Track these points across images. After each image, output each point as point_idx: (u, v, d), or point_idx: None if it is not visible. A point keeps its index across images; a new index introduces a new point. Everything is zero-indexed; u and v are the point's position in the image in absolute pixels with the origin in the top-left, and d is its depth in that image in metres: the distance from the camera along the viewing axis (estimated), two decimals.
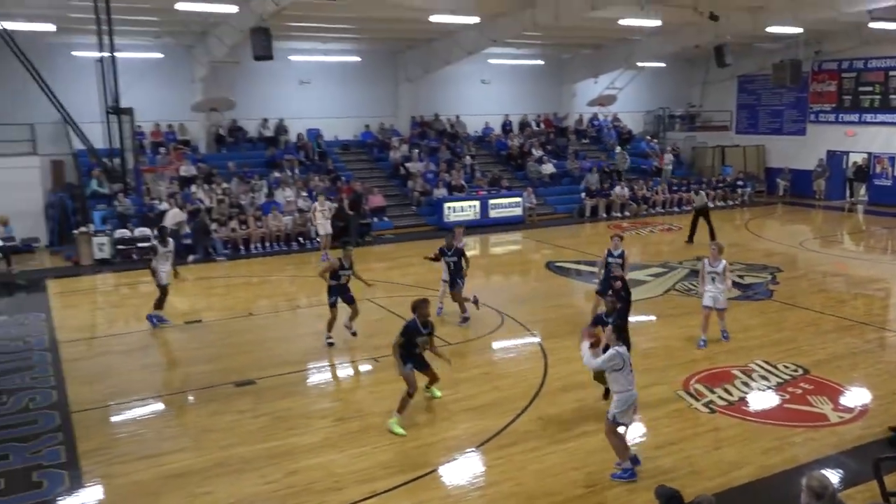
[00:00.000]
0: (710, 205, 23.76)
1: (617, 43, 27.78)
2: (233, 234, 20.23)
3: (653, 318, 13.73)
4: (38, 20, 17.46)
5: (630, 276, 16.58)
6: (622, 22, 21.53)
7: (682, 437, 8.55)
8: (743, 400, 9.64)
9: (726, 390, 9.89)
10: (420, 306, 9.02)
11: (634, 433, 8.68)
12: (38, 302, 15.30)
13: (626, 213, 26.24)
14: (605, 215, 25.94)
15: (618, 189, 26.45)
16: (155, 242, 14.24)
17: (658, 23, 22.04)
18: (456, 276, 12.98)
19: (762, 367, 10.74)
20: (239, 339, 12.56)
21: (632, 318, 13.52)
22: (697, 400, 9.61)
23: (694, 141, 32.74)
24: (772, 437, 8.53)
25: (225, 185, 22.04)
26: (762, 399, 9.73)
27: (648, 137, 31.96)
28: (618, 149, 29.37)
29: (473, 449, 8.31)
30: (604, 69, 29.23)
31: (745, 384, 10.15)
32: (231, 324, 13.55)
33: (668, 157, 29.64)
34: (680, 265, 17.68)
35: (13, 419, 9.19)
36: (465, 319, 13.06)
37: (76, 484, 7.59)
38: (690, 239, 20.79)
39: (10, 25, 11.88)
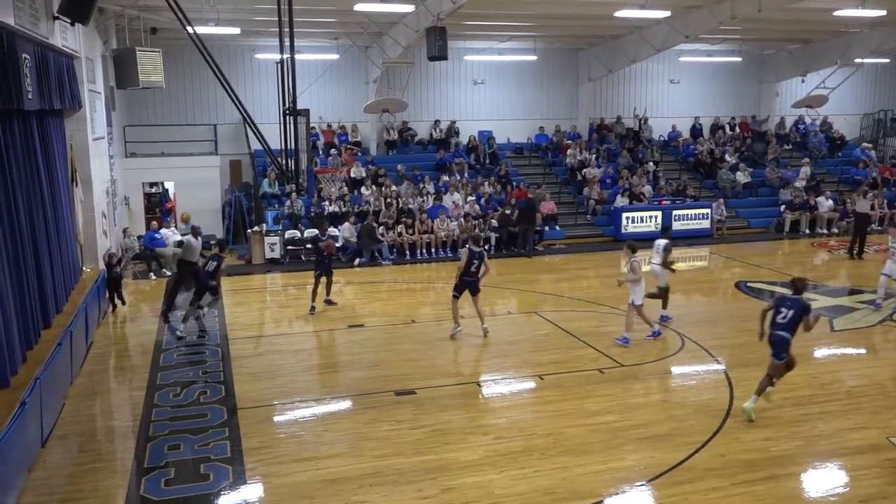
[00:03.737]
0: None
1: (830, 36, 25.93)
2: (399, 238, 20.92)
3: (862, 351, 12.64)
4: (226, 24, 19.03)
5: (836, 301, 15.48)
6: (838, 13, 20.08)
7: (894, 492, 7.78)
8: None
9: None
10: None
11: (834, 482, 8.02)
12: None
13: (834, 230, 24.38)
14: (807, 231, 24.27)
15: (822, 201, 24.65)
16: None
17: (882, 12, 20.33)
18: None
19: None
20: (400, 347, 12.95)
21: (835, 351, 12.65)
22: None
23: None
24: None
25: (394, 187, 22.85)
26: None
27: (865, 144, 29.52)
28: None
29: (644, 483, 8.03)
30: (813, 66, 27.37)
31: None
32: (393, 330, 14.01)
33: (805, 170, 26.39)
34: None
35: (186, 411, 10.03)
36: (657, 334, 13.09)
37: (239, 480, 8.14)
38: (858, 253, 20.30)
39: (199, 30, 13.03)
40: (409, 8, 18.68)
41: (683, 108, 28.93)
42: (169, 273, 18.97)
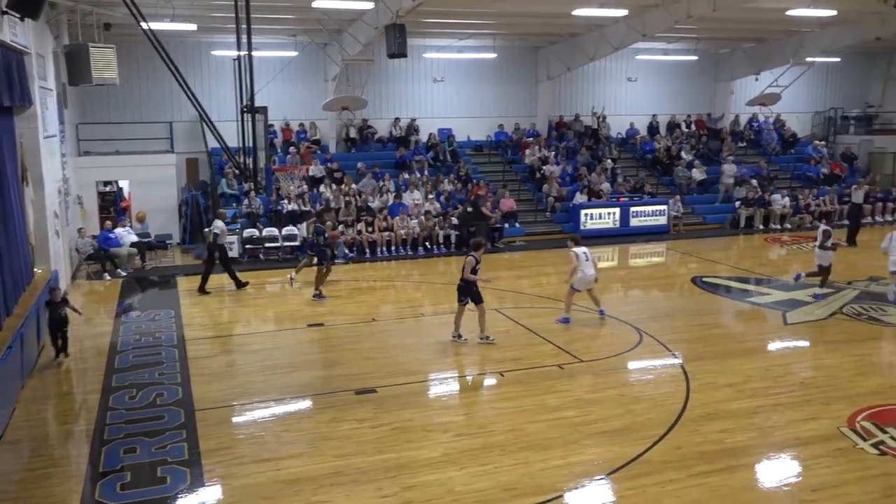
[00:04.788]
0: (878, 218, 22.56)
1: (783, 35, 26.47)
2: (359, 236, 20.85)
3: (814, 343, 12.92)
4: (182, 20, 18.76)
5: (789, 295, 15.82)
6: (790, 12, 20.50)
7: (845, 480, 7.98)
8: None
9: None
10: None
11: (787, 472, 8.21)
12: (168, 298, 16.42)
13: (787, 225, 24.90)
14: (761, 227, 24.75)
15: (777, 198, 25.16)
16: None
17: (833, 12, 20.83)
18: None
19: None
20: (361, 346, 12.91)
21: (789, 344, 12.93)
22: (865, 439, 8.94)
23: (871, 146, 30.62)
24: None
25: (353, 185, 22.76)
26: None
27: (816, 141, 30.21)
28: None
29: (603, 476, 8.12)
30: (767, 65, 27.91)
31: None
32: (353, 329, 13.96)
33: (731, 167, 26.65)
34: (849, 286, 16.56)
35: (142, 413, 9.88)
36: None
37: (197, 482, 8.04)
38: (852, 240, 20.79)
39: (154, 25, 12.81)
40: (369, 5, 18.61)
41: (641, 105, 29.30)
42: (124, 273, 18.72)
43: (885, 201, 26.29)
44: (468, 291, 12.66)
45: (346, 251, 20.39)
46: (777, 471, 8.32)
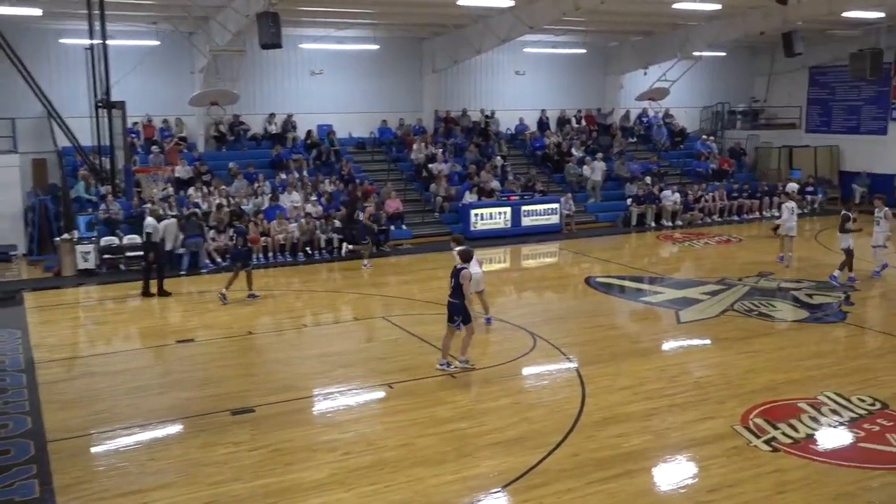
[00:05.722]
0: (773, 214, 23.97)
1: (670, 29, 27.66)
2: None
3: (707, 341, 13.57)
4: (24, 4, 17.79)
5: (682, 293, 16.54)
6: (676, 6, 21.43)
7: (740, 479, 8.40)
8: (811, 438, 9.45)
9: (791, 426, 9.71)
10: None
11: (684, 474, 8.57)
12: (13, 317, 15.49)
13: (679, 223, 26.03)
14: (653, 224, 25.77)
15: (668, 194, 26.26)
16: None
17: (717, 6, 21.93)
18: None
19: (833, 401, 10.53)
20: (236, 362, 12.62)
21: (682, 343, 13.52)
22: (758, 437, 9.44)
23: (757, 140, 32.43)
24: (844, 481, 8.35)
25: (224, 187, 22.23)
26: (833, 437, 9.54)
27: (705, 136, 31.73)
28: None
29: (499, 489, 8.23)
30: (655, 59, 29.10)
31: (814, 419, 9.96)
32: (227, 344, 13.62)
33: (600, 164, 27.52)
34: (740, 282, 17.46)
35: None
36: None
37: None
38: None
39: None
40: None
41: (530, 100, 29.92)
42: None
43: (770, 196, 27.84)
44: (461, 310, 11.57)
45: (209, 261, 19.81)
46: (673, 473, 8.67)
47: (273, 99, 25.97)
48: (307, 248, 21.22)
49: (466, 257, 11.97)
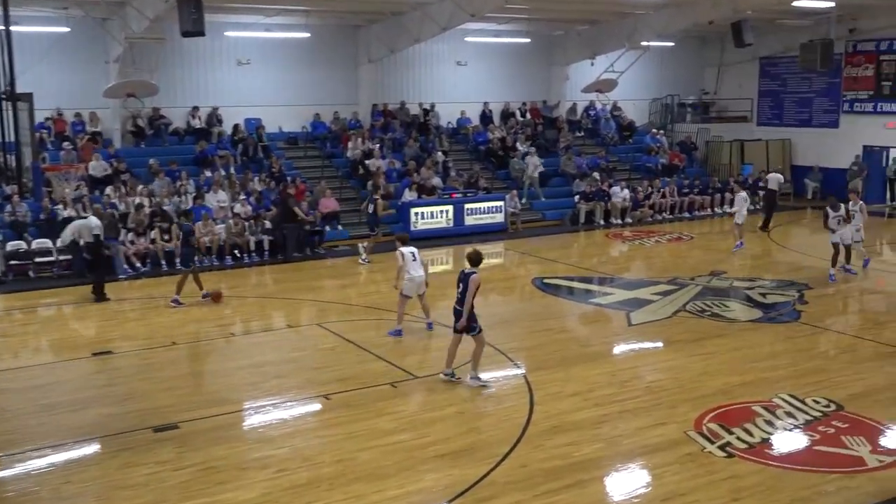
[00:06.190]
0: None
1: (617, 18, 28.10)
2: (153, 245, 20.02)
3: (659, 344, 13.81)
4: None
5: (633, 294, 16.80)
6: None
7: (694, 486, 8.57)
8: (766, 442, 9.70)
9: (746, 430, 9.95)
10: None
11: (636, 482, 8.70)
12: None
13: (629, 220, 26.45)
14: (602, 222, 26.12)
15: (617, 190, 26.65)
16: None
17: None
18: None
19: (788, 403, 10.82)
20: (159, 374, 12.40)
21: (634, 346, 13.73)
22: (712, 442, 9.65)
23: (708, 134, 33.14)
24: (799, 486, 8.58)
25: (142, 186, 21.83)
26: (788, 440, 9.80)
27: (654, 130, 32.26)
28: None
29: None
30: (602, 49, 29.52)
31: (769, 423, 10.22)
32: (150, 355, 13.38)
33: (534, 160, 27.66)
34: (692, 281, 17.82)
35: None
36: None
37: None
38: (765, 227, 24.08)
39: None
40: None
41: (472, 92, 30.05)
42: None
43: (722, 192, 28.45)
44: (473, 316, 11.54)
45: (127, 266, 19.43)
46: (626, 482, 8.82)
47: (196, 91, 25.61)
48: (235, 252, 20.97)
49: (475, 260, 11.75)
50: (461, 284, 11.59)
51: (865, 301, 17.34)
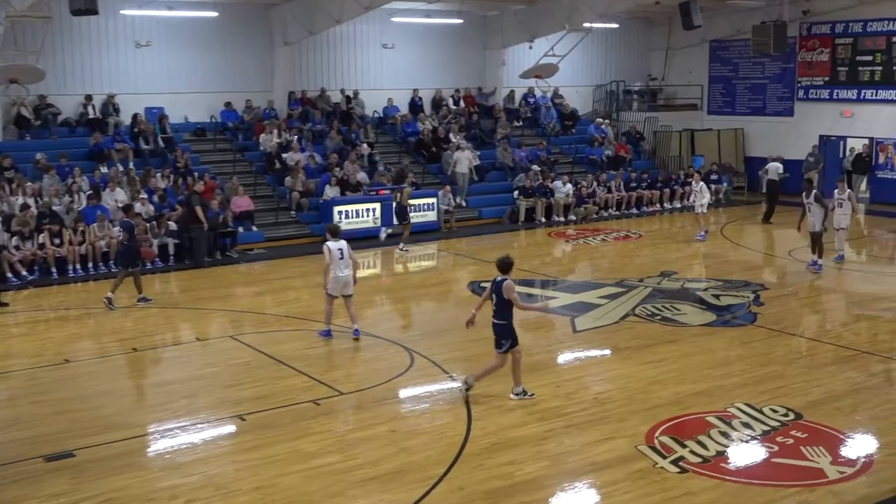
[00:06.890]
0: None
1: None
2: (42, 251, 19.58)
3: (606, 352, 13.99)
4: None
5: (578, 298, 17.00)
6: None
7: None
8: (721, 455, 9.88)
9: (700, 443, 10.13)
10: None
11: (584, 502, 8.80)
12: None
13: (572, 217, 26.75)
14: (543, 220, 26.38)
15: (559, 185, 26.92)
16: None
17: None
18: None
19: (744, 412, 11.04)
20: (50, 396, 12.12)
21: (579, 354, 13.89)
22: (664, 457, 9.80)
23: (656, 124, 33.60)
24: (757, 501, 8.77)
25: (29, 184, 21.34)
26: (745, 453, 10.00)
27: (599, 119, 32.64)
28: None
29: None
30: (540, 31, 29.78)
31: (724, 434, 10.41)
32: (39, 375, 13.08)
33: (464, 154, 27.26)
34: (641, 283, 18.11)
35: None
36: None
37: None
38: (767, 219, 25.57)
39: None
40: None
41: (400, 78, 30.05)
42: None
43: (672, 187, 29.01)
44: (510, 332, 11.51)
45: (11, 275, 18.96)
46: (573, 503, 8.90)
47: (89, 77, 25.09)
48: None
49: (504, 267, 11.54)
50: (494, 296, 11.56)
51: (825, 302, 17.81)
